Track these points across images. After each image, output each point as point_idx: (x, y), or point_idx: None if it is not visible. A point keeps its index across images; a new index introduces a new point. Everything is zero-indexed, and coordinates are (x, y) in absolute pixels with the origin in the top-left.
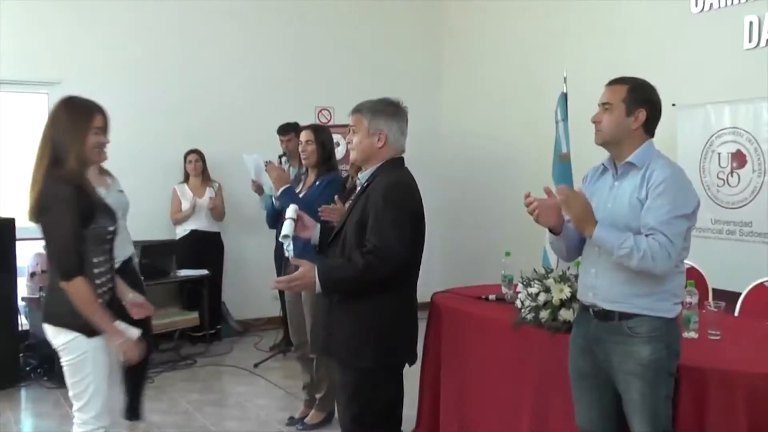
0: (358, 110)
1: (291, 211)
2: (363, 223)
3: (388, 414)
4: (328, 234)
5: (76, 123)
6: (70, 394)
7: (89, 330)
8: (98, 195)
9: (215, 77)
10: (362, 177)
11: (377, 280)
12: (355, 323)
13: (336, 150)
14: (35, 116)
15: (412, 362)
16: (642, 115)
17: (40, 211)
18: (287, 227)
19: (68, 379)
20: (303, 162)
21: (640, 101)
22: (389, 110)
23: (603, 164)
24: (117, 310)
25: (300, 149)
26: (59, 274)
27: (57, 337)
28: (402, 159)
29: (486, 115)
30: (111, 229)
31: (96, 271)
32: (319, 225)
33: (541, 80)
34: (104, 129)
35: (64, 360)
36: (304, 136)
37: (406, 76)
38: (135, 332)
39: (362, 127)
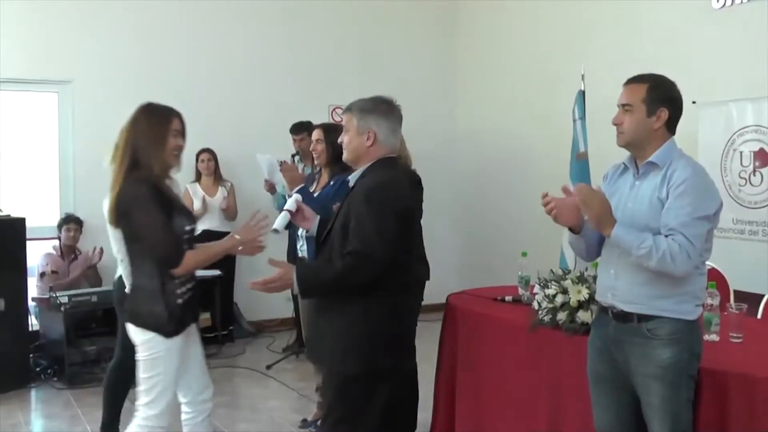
0: (348, 109)
1: (291, 202)
2: (347, 224)
3: (380, 423)
4: (325, 226)
5: (156, 127)
6: (140, 388)
7: (167, 331)
8: (176, 195)
9: (227, 76)
10: (352, 178)
11: (357, 283)
12: (340, 327)
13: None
14: (45, 115)
15: (406, 368)
16: (664, 114)
17: (120, 215)
18: (279, 220)
19: (141, 374)
20: (315, 161)
21: (661, 100)
22: (380, 109)
23: (624, 163)
24: (194, 311)
25: (311, 148)
26: (168, 266)
27: (137, 335)
28: (394, 159)
29: (502, 113)
30: (188, 228)
31: None
32: (318, 217)
33: (558, 78)
34: (182, 132)
35: (140, 355)
36: (314, 135)
37: (421, 73)
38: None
39: (352, 126)
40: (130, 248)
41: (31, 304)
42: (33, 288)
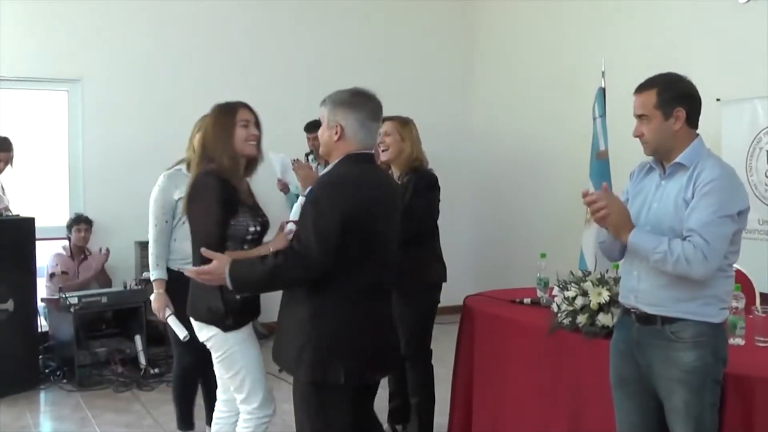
0: (323, 101)
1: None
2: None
3: None
4: None
5: (221, 119)
6: (231, 387)
7: (225, 325)
8: (248, 192)
9: (239, 73)
10: (322, 174)
11: (287, 282)
12: (296, 327)
13: None
14: (54, 114)
15: (370, 380)
16: (681, 113)
17: (188, 203)
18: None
19: (222, 375)
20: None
21: (674, 100)
22: (350, 101)
23: (649, 163)
24: (251, 310)
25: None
26: (202, 263)
27: (200, 331)
28: (364, 155)
29: (519, 110)
30: (252, 229)
31: None
32: None
33: (577, 74)
34: (252, 122)
35: (214, 356)
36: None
37: (436, 70)
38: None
39: (324, 119)
40: (192, 240)
41: (40, 304)
42: (42, 289)
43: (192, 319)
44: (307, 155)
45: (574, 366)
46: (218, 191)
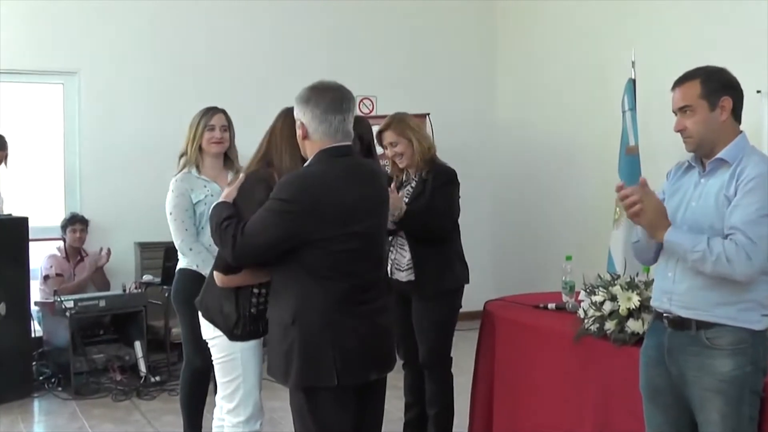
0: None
1: None
2: None
3: None
4: None
5: (293, 128)
6: (220, 395)
7: (233, 334)
8: None
9: (245, 66)
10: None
11: (224, 255)
12: (280, 335)
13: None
14: (49, 108)
15: (365, 379)
16: (728, 102)
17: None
18: None
19: (219, 379)
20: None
21: (720, 89)
22: (306, 97)
23: (688, 161)
24: (264, 324)
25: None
26: (219, 269)
27: (206, 330)
28: (339, 149)
29: (544, 103)
30: None
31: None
32: None
33: (606, 65)
34: None
35: (216, 357)
36: None
37: (457, 61)
38: None
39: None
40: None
41: (34, 308)
42: (36, 292)
43: (201, 315)
44: None
45: (601, 376)
46: (259, 197)
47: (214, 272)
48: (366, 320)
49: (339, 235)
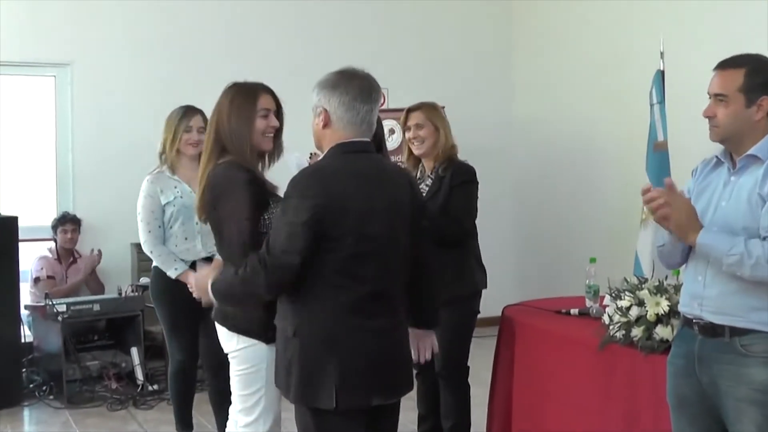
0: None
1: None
2: None
3: None
4: None
5: (241, 105)
6: (238, 408)
7: (267, 337)
8: (270, 184)
9: (251, 58)
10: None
11: (259, 292)
12: (282, 346)
13: (390, 138)
14: (40, 102)
15: (367, 404)
16: (766, 103)
17: (213, 201)
18: None
19: (237, 391)
20: None
21: (762, 86)
22: (333, 81)
23: (717, 156)
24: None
25: None
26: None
27: (230, 341)
28: (356, 144)
29: (565, 97)
30: None
31: None
32: None
33: (632, 55)
34: (273, 111)
35: (236, 369)
36: None
37: (471, 52)
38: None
39: (312, 106)
40: (218, 243)
41: (23, 312)
42: (26, 295)
43: (220, 327)
44: None
45: (628, 385)
46: (248, 184)
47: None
48: (374, 337)
49: (350, 236)
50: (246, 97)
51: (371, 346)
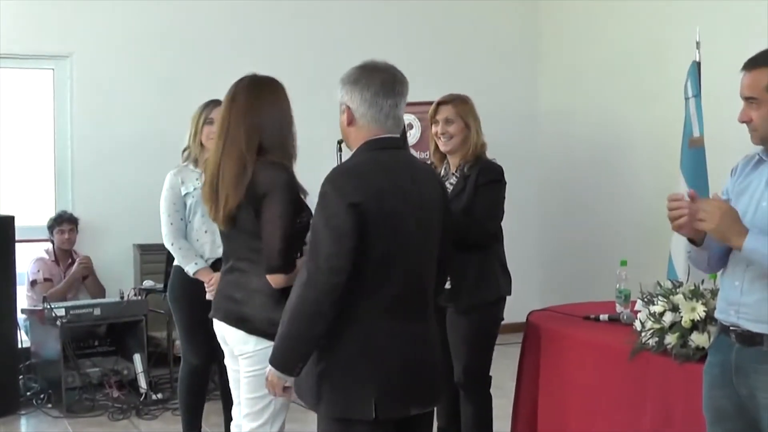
0: None
1: None
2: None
3: None
4: None
5: (280, 101)
6: (244, 412)
7: None
8: (301, 186)
9: (261, 52)
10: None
11: (319, 309)
12: (313, 355)
13: (408, 133)
14: (38, 96)
15: (404, 414)
16: None
17: (256, 201)
18: None
19: (246, 394)
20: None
21: None
22: (355, 77)
23: (758, 154)
24: None
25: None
26: (273, 271)
27: (246, 343)
28: (386, 140)
29: (595, 90)
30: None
31: None
32: None
33: (665, 45)
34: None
35: (250, 369)
36: None
37: (496, 43)
38: None
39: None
40: (253, 244)
41: (20, 316)
42: (23, 298)
43: (237, 330)
44: (339, 143)
45: (661, 396)
46: (293, 187)
47: (270, 276)
48: (411, 342)
49: (384, 235)
50: (285, 94)
51: (409, 351)
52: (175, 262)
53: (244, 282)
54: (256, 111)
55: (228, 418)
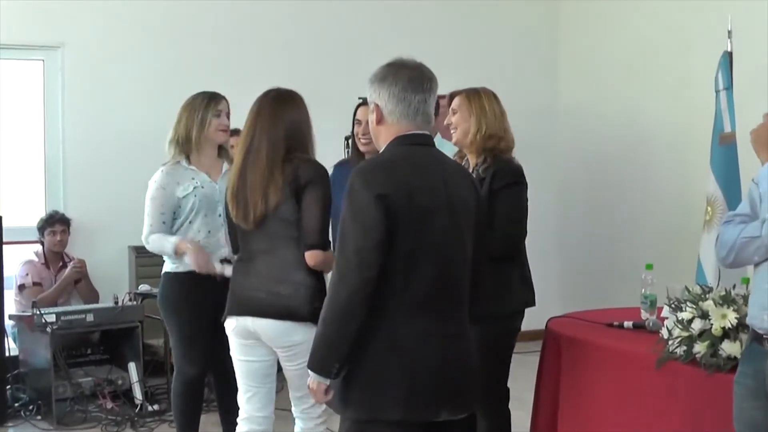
0: None
1: None
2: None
3: None
4: None
5: (305, 112)
6: (298, 395)
7: None
8: None
9: (265, 42)
10: None
11: (350, 308)
12: None
13: None
14: (27, 89)
15: (434, 418)
16: None
17: (298, 190)
18: None
19: (298, 380)
20: (362, 149)
21: None
22: (382, 74)
23: None
24: None
25: (360, 131)
26: (308, 244)
27: (294, 335)
28: (415, 136)
29: (617, 83)
30: None
31: None
32: None
33: (694, 35)
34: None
35: (301, 362)
36: (361, 114)
37: (511, 32)
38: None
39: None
40: (293, 232)
41: (8, 323)
42: (11, 303)
43: (285, 322)
44: (347, 139)
45: (689, 409)
46: (329, 181)
47: (308, 253)
48: (442, 342)
49: (413, 231)
50: (305, 104)
51: (439, 352)
52: (165, 268)
53: (288, 274)
54: (281, 121)
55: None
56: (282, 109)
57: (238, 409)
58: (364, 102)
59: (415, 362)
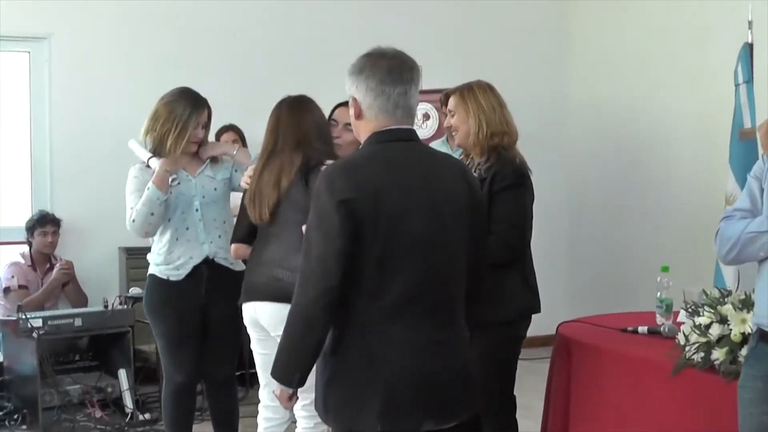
0: None
1: None
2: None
3: None
4: None
5: (319, 113)
6: (299, 404)
7: None
8: None
9: (261, 34)
10: None
11: (311, 314)
12: (320, 364)
13: (424, 125)
14: (12, 82)
15: (417, 429)
16: None
17: (309, 171)
18: None
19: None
20: (338, 152)
21: None
22: (359, 66)
23: None
24: None
25: (335, 132)
26: None
27: None
28: (394, 132)
29: (632, 77)
30: None
31: None
32: None
33: (712, 26)
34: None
35: None
36: (338, 115)
37: (524, 28)
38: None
39: None
40: (302, 218)
41: None
42: None
43: (277, 305)
44: None
45: (706, 417)
46: None
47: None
48: (422, 350)
49: (384, 234)
50: (318, 106)
51: (419, 360)
52: (150, 271)
53: (288, 261)
54: (301, 124)
55: None
56: (299, 114)
57: (232, 418)
58: (343, 103)
59: (391, 372)
